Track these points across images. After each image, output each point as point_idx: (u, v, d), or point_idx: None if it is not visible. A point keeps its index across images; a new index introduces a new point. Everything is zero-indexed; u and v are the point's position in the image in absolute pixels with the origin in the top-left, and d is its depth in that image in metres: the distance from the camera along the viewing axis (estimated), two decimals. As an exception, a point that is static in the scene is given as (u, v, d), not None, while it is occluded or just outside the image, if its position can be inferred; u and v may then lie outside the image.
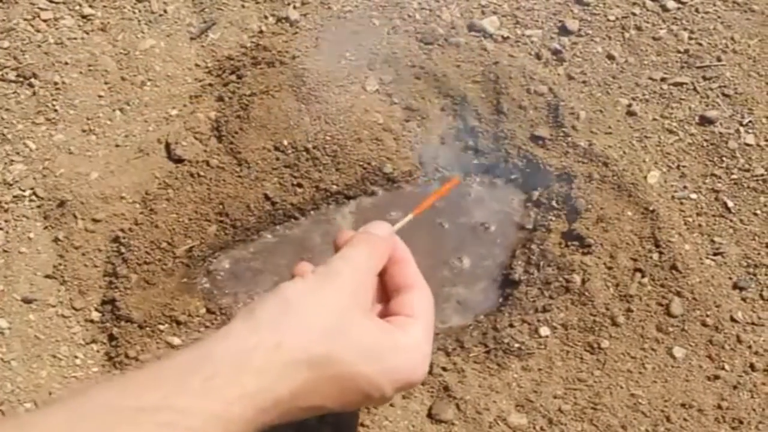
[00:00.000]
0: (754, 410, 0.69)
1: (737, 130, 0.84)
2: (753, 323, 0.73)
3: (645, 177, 0.80)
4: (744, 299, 0.75)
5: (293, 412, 0.54)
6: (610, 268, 0.75)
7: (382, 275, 0.62)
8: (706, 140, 0.83)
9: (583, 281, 0.74)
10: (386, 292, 0.62)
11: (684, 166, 0.82)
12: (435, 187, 0.81)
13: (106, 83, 0.88)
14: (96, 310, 0.76)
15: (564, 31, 0.91)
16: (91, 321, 0.75)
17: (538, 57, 0.89)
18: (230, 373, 0.51)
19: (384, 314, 0.60)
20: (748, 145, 0.83)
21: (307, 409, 0.55)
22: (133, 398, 0.49)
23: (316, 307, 0.57)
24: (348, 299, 0.58)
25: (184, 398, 0.49)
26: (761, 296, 0.75)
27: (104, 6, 0.93)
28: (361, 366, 0.56)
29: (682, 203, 0.80)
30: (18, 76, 0.87)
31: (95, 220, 0.79)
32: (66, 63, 0.88)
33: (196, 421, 0.48)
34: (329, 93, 0.84)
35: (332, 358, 0.55)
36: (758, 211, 0.79)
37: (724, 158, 0.82)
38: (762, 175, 0.81)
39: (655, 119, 0.85)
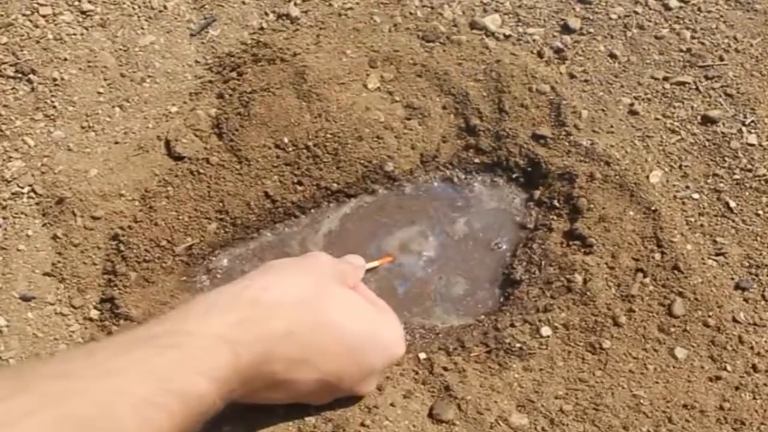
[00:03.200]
0: (756, 411, 0.68)
1: (739, 130, 0.83)
2: (755, 324, 0.73)
3: (647, 177, 0.80)
4: (746, 300, 0.74)
5: (295, 359, 0.58)
6: (611, 268, 0.75)
7: None
8: (708, 140, 0.83)
9: (585, 281, 0.74)
10: None
11: (686, 166, 0.82)
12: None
13: (105, 80, 0.87)
14: (95, 308, 0.75)
15: (566, 29, 0.91)
16: (90, 319, 0.75)
17: (540, 55, 0.89)
18: (227, 304, 0.56)
19: None
20: (750, 145, 0.82)
21: (306, 362, 0.59)
22: (143, 330, 0.54)
23: (299, 268, 0.64)
24: (329, 273, 0.65)
25: (188, 324, 0.54)
26: (763, 297, 0.75)
27: (104, 2, 0.92)
28: (348, 324, 0.61)
29: (684, 203, 0.79)
30: (16, 71, 0.87)
31: (94, 218, 0.78)
32: (65, 59, 0.88)
33: (201, 340, 0.53)
34: (330, 90, 0.83)
35: (321, 304, 0.60)
36: (760, 212, 0.79)
37: (726, 158, 0.82)
38: (764, 175, 0.81)
39: (657, 119, 0.85)
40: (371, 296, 0.69)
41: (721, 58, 0.88)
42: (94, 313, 0.75)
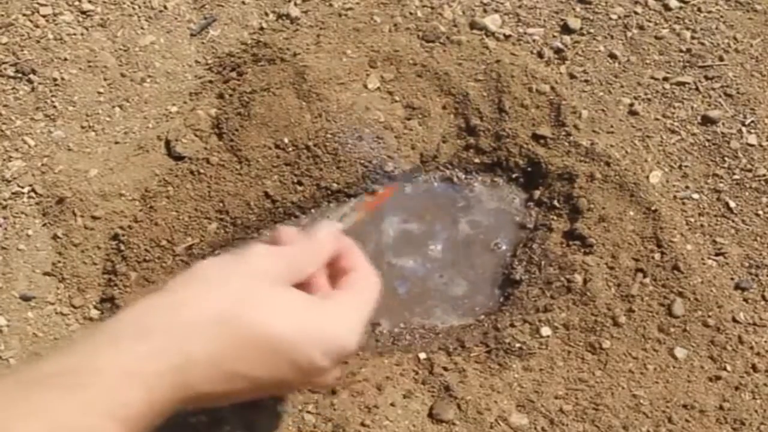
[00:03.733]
0: (756, 411, 0.69)
1: (739, 130, 0.83)
2: (755, 324, 0.73)
3: (647, 177, 0.80)
4: (746, 300, 0.74)
5: (221, 379, 0.53)
6: (611, 268, 0.75)
7: (331, 271, 0.62)
8: (708, 140, 0.83)
9: (585, 281, 0.74)
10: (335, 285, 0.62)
11: (686, 166, 0.82)
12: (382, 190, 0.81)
13: (105, 79, 0.87)
14: (95, 307, 0.75)
15: (566, 29, 0.91)
16: (90, 319, 0.75)
17: (540, 55, 0.89)
18: (139, 332, 0.51)
19: None
20: (750, 145, 0.82)
21: (235, 377, 0.54)
22: (49, 365, 0.49)
23: (223, 274, 0.57)
24: (261, 272, 0.58)
25: (95, 359, 0.49)
26: (763, 297, 0.75)
27: (104, 2, 0.92)
28: (277, 326, 0.55)
29: (684, 203, 0.79)
30: (17, 71, 0.87)
31: (94, 218, 0.78)
32: (65, 59, 0.88)
33: (108, 378, 0.48)
34: (330, 90, 0.83)
35: (242, 316, 0.54)
36: (760, 212, 0.79)
37: (726, 158, 0.82)
38: (764, 175, 0.81)
39: (657, 119, 0.85)
40: (325, 289, 0.63)
41: (721, 59, 0.88)
42: (94, 313, 0.75)
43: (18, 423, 0.45)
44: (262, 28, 0.91)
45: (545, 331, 0.72)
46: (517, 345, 0.71)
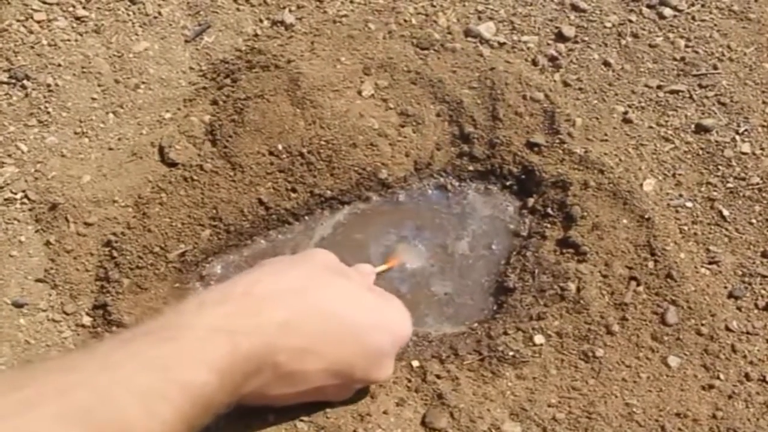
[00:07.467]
0: (749, 420, 0.68)
1: (733, 139, 0.84)
2: (748, 332, 0.73)
3: (641, 185, 0.80)
4: (739, 308, 0.74)
5: (296, 351, 0.57)
6: (605, 276, 0.75)
7: None
8: (701, 148, 0.83)
9: (578, 289, 0.74)
10: None
11: (680, 174, 0.82)
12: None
13: (99, 86, 0.87)
14: (87, 314, 0.75)
15: (560, 37, 0.91)
16: (83, 326, 0.74)
17: (535, 63, 0.89)
18: (219, 299, 0.57)
19: None
20: (743, 153, 0.83)
21: (306, 351, 0.58)
22: (139, 328, 0.54)
23: (292, 262, 0.65)
24: (325, 264, 0.64)
25: (183, 318, 0.54)
26: (756, 305, 0.75)
27: (98, 8, 0.92)
28: (346, 308, 0.61)
29: (677, 211, 0.80)
30: (10, 77, 0.87)
31: (87, 224, 0.78)
32: (59, 65, 0.88)
33: (197, 332, 0.53)
34: (324, 97, 0.83)
35: (314, 294, 0.60)
36: (753, 220, 0.79)
37: (719, 167, 0.82)
38: (757, 183, 0.81)
39: (651, 127, 0.85)
40: (371, 287, 0.69)
41: (715, 67, 0.88)
42: (86, 320, 0.75)
43: (117, 365, 0.49)
44: (256, 35, 0.91)
45: (538, 339, 0.72)
46: (511, 353, 0.71)
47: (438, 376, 0.71)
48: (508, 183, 0.83)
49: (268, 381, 0.57)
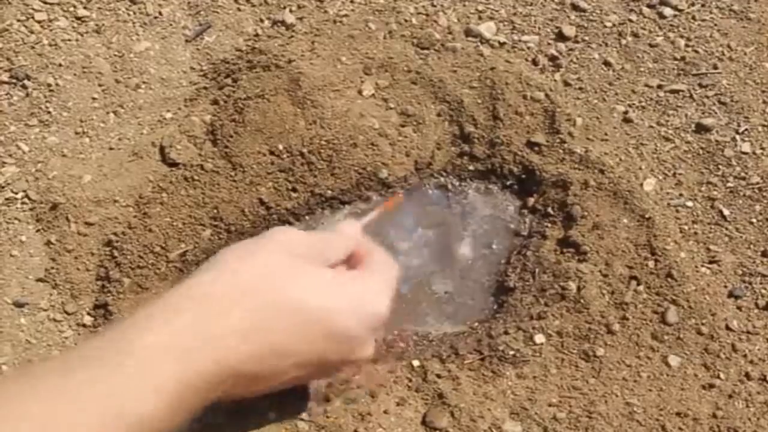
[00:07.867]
0: (749, 419, 0.68)
1: (733, 138, 0.84)
2: (748, 332, 0.73)
3: (641, 184, 0.80)
4: (739, 308, 0.74)
5: (258, 355, 0.54)
6: (605, 276, 0.75)
7: (349, 266, 0.64)
8: (702, 148, 0.83)
9: (579, 288, 0.74)
10: None
11: (680, 174, 0.82)
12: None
13: (100, 85, 0.87)
14: (88, 314, 0.75)
15: (561, 37, 0.91)
16: (84, 325, 0.75)
17: (535, 63, 0.89)
18: (173, 308, 0.53)
19: None
20: (744, 153, 0.83)
21: (271, 352, 0.54)
22: (87, 347, 0.52)
23: (247, 252, 0.58)
24: (285, 248, 0.59)
25: (131, 336, 0.50)
26: (756, 305, 0.75)
27: (99, 8, 0.92)
28: (306, 296, 0.56)
29: (677, 211, 0.80)
30: (11, 77, 0.87)
31: (88, 224, 0.78)
32: (60, 65, 0.88)
33: (143, 353, 0.49)
34: (325, 97, 0.83)
35: (270, 287, 0.55)
36: (753, 220, 0.79)
37: (720, 166, 0.82)
38: (757, 183, 0.81)
39: (651, 126, 0.85)
40: (365, 252, 0.65)
41: (715, 67, 0.88)
42: (87, 320, 0.75)
43: (67, 400, 0.46)
44: (257, 35, 0.91)
45: (539, 338, 0.72)
46: (511, 352, 0.71)
47: (438, 376, 0.71)
48: (508, 182, 0.83)
49: (234, 385, 0.54)
